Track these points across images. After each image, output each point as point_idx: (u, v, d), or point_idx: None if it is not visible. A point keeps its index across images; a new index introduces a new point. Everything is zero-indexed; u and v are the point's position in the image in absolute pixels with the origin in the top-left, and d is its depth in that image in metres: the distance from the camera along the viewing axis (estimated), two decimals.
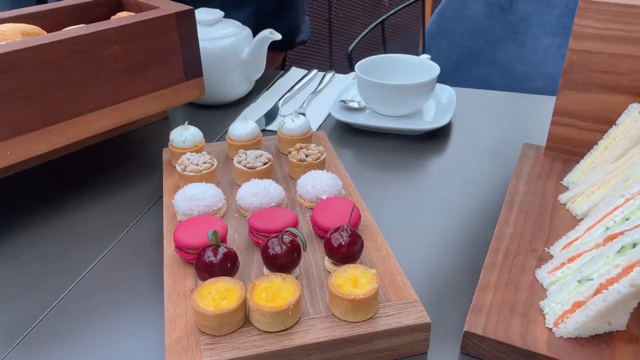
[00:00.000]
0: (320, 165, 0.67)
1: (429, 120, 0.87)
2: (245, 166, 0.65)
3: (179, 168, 0.65)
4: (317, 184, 0.61)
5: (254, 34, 0.95)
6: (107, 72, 0.66)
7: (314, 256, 0.55)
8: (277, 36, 0.92)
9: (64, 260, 0.60)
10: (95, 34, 0.63)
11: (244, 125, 0.72)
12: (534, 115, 0.90)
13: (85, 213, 0.68)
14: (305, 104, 0.95)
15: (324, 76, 1.06)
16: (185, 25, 0.71)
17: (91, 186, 0.73)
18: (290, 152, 0.68)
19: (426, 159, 0.79)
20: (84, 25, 0.67)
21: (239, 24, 0.97)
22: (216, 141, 0.85)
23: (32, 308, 0.54)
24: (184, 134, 0.69)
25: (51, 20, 0.72)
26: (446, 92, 0.94)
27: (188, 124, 0.71)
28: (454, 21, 1.45)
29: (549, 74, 1.42)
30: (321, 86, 1.02)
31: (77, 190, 0.72)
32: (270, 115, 0.92)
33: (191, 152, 0.69)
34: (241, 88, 0.97)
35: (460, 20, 1.44)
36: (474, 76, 1.51)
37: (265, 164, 0.66)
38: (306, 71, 1.08)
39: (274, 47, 1.06)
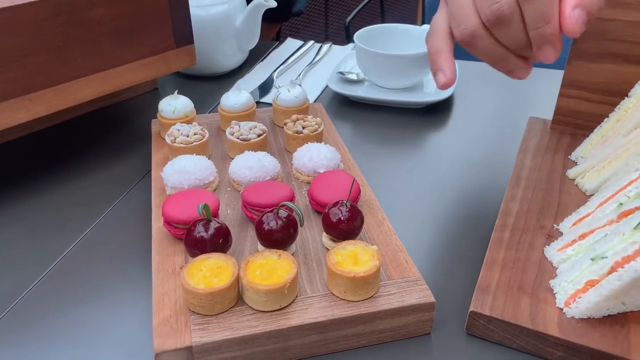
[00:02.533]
0: (318, 137, 0.64)
1: (431, 92, 0.84)
2: (238, 138, 0.62)
3: (168, 139, 0.62)
4: (315, 156, 0.58)
5: (248, 1, 0.90)
6: (92, 37, 0.62)
7: (311, 232, 0.52)
8: (272, 3, 0.88)
9: (47, 237, 0.57)
10: None
11: (237, 96, 0.68)
12: (540, 88, 0.86)
13: (70, 187, 0.65)
14: (301, 76, 0.91)
15: (320, 47, 1.02)
16: None
17: (76, 159, 0.70)
18: (286, 124, 0.65)
19: (428, 133, 0.76)
20: None
21: None
22: (208, 113, 0.81)
23: (13, 285, 0.51)
24: (174, 104, 0.66)
25: None
26: None
27: (178, 93, 0.67)
28: None
29: None
30: (318, 58, 0.98)
31: (62, 164, 0.69)
32: (265, 87, 0.88)
33: (181, 122, 0.65)
34: (234, 58, 0.93)
35: None
36: None
37: (259, 135, 0.63)
38: (302, 42, 1.04)
39: (269, 17, 1.02)
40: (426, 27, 0.91)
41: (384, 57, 0.80)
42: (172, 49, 0.70)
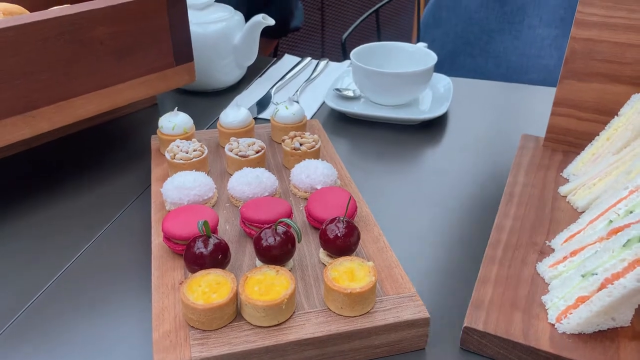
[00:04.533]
0: (315, 154, 0.65)
1: (425, 109, 0.85)
2: (237, 154, 0.63)
3: (167, 155, 0.63)
4: (312, 173, 0.59)
5: (247, 19, 0.92)
6: (94, 55, 0.63)
7: (308, 248, 0.53)
8: (270, 21, 0.89)
9: (47, 252, 0.58)
10: (81, 14, 0.60)
11: (235, 112, 0.69)
12: (533, 106, 0.88)
13: (69, 202, 0.65)
14: (298, 92, 0.92)
15: (317, 64, 1.04)
16: (175, 8, 0.68)
17: (76, 174, 0.71)
18: (283, 141, 0.66)
19: (422, 149, 0.78)
20: (69, 5, 0.64)
21: (230, 8, 0.94)
22: (207, 129, 0.83)
23: (13, 302, 0.52)
24: (173, 120, 0.67)
25: (34, 0, 0.69)
26: (443, 81, 0.92)
27: (177, 109, 0.69)
28: (449, 10, 1.42)
29: (545, 66, 1.40)
30: (315, 74, 1.00)
31: (61, 179, 0.70)
32: (263, 103, 0.89)
33: (181, 139, 0.66)
34: (232, 75, 0.94)
35: (455, 10, 1.42)
36: (469, 66, 1.49)
37: (257, 152, 0.64)
38: (299, 59, 1.06)
39: (266, 33, 1.03)
40: (421, 44, 0.92)
41: (379, 75, 0.82)
42: (172, 66, 0.71)
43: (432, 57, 0.86)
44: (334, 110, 0.86)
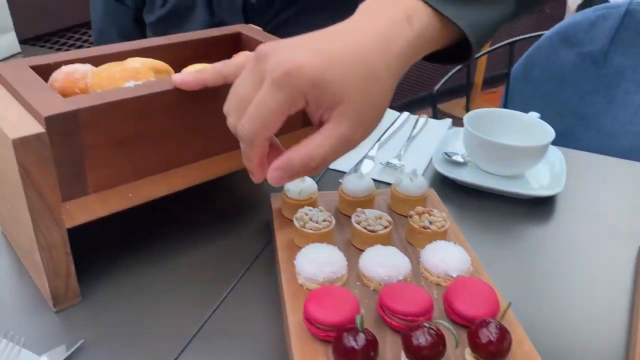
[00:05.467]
0: (443, 234, 0.64)
1: (540, 184, 0.83)
2: (365, 228, 0.62)
3: (297, 224, 0.62)
4: (447, 257, 0.58)
5: None
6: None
7: (449, 339, 0.51)
8: None
9: (156, 331, 0.58)
10: None
11: (358, 180, 0.69)
12: None
13: (186, 261, 0.66)
14: (402, 152, 0.92)
15: (416, 120, 1.03)
16: None
17: (189, 229, 0.71)
18: (411, 217, 0.65)
19: (532, 226, 0.75)
20: (208, 64, 0.65)
21: None
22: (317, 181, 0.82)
23: None
24: (300, 185, 0.67)
25: (174, 54, 0.70)
26: (555, 154, 0.89)
27: None
28: (541, 68, 1.40)
29: (637, 133, 1.36)
30: (415, 131, 0.99)
31: (175, 234, 0.70)
32: (366, 162, 0.89)
33: (306, 204, 0.66)
34: None
35: (548, 68, 1.40)
36: (556, 126, 1.45)
37: (385, 227, 0.63)
38: (397, 113, 1.05)
39: None
40: (534, 114, 0.91)
41: (495, 146, 0.80)
42: (299, 128, 0.71)
43: (549, 133, 0.84)
44: (437, 173, 0.85)
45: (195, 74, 0.57)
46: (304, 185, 0.67)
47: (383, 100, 0.49)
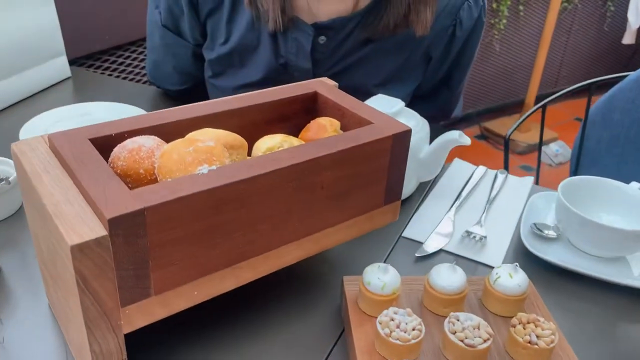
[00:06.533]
0: (550, 353, 0.54)
1: None
2: (462, 340, 0.53)
3: (382, 331, 0.54)
4: None
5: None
6: (312, 201, 0.56)
7: None
8: (466, 140, 0.80)
9: None
10: (311, 161, 0.53)
11: (451, 274, 0.60)
12: None
13: (249, 354, 0.58)
14: (483, 219, 0.82)
15: (495, 176, 0.93)
16: (399, 147, 0.60)
17: (249, 312, 0.63)
18: (514, 326, 0.56)
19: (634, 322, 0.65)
20: (296, 146, 0.58)
21: (418, 116, 0.86)
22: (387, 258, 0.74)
23: None
24: (383, 279, 0.58)
25: (245, 119, 0.63)
26: None
27: (385, 262, 0.60)
28: (623, 112, 1.28)
29: None
30: (494, 191, 0.89)
31: (244, 325, 0.62)
32: (443, 232, 0.79)
33: (389, 299, 0.58)
34: (407, 188, 0.85)
35: (630, 112, 1.28)
36: (636, 172, 1.34)
37: (485, 340, 0.54)
38: (473, 167, 0.95)
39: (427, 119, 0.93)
40: (635, 185, 0.80)
41: (598, 227, 0.70)
42: (380, 207, 0.63)
43: None
44: (522, 244, 0.75)
45: None
46: (388, 279, 0.58)
47: None
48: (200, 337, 0.60)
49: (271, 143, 0.57)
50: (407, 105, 0.86)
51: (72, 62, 1.28)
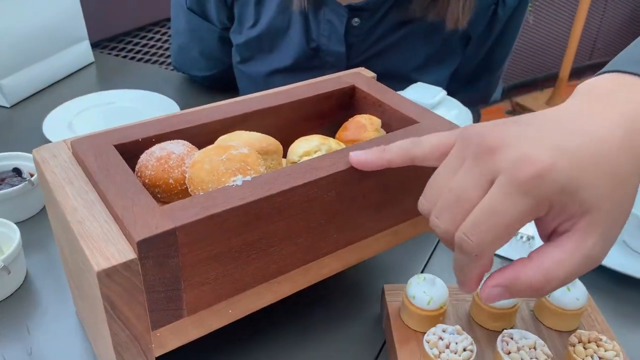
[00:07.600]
0: None
1: None
2: None
3: (429, 350, 0.50)
4: None
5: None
6: (353, 210, 0.51)
7: None
8: None
9: None
10: (353, 168, 0.48)
11: None
12: None
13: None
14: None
15: None
16: None
17: (287, 322, 0.60)
18: (573, 345, 0.51)
19: None
20: (334, 152, 0.53)
21: (460, 105, 0.80)
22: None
23: None
24: (430, 293, 0.54)
25: (278, 118, 0.58)
26: None
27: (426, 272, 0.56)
28: None
29: None
30: None
31: (265, 335, 0.59)
32: None
33: (435, 315, 0.53)
34: None
35: None
36: None
37: None
38: None
39: (467, 104, 0.88)
40: None
41: None
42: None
43: None
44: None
45: (377, 152, 0.47)
46: (435, 292, 0.54)
47: (629, 208, 0.38)
48: (234, 351, 0.57)
49: (308, 146, 0.53)
50: (446, 89, 0.80)
51: (94, 45, 1.25)
